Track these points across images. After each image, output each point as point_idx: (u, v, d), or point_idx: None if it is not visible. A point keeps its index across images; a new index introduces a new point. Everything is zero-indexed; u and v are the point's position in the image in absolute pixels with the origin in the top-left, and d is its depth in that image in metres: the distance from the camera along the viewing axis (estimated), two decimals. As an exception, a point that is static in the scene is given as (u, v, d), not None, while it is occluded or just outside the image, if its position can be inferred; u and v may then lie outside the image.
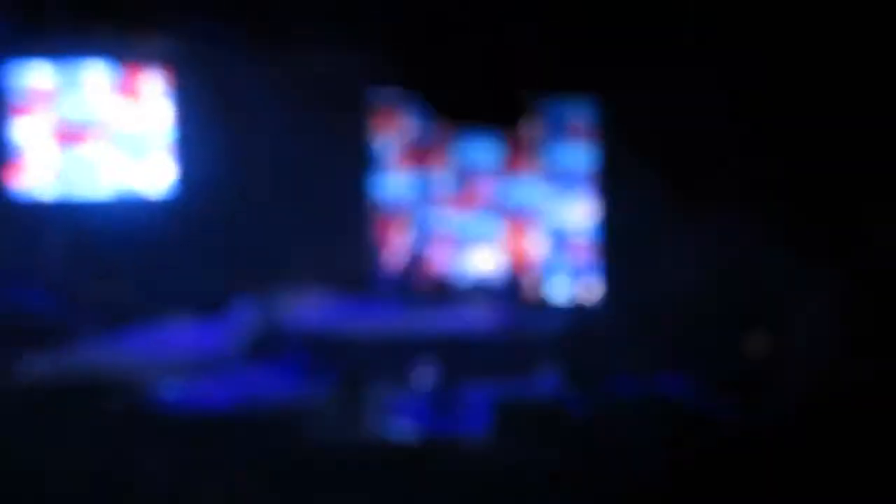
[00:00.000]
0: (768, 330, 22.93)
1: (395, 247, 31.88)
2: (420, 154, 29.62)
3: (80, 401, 24.06)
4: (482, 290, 31.16)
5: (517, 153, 29.53)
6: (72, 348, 26.84)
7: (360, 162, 30.11)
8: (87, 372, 26.66)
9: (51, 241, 31.84)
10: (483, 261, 31.03)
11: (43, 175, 32.23)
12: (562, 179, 28.80)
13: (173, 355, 29.44)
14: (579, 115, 29.02)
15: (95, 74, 30.10)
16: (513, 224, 29.62)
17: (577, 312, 28.95)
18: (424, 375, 26.14)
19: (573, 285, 31.23)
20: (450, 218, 30.79)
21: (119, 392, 25.53)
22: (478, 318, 29.64)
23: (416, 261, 31.53)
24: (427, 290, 30.78)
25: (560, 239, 29.65)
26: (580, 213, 29.42)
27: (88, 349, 28.07)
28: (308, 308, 30.33)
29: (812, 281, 23.47)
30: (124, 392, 25.67)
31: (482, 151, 29.06)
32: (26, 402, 22.19)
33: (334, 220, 32.18)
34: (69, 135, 31.15)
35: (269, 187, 31.78)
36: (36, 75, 30.80)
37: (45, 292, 30.58)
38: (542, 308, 30.04)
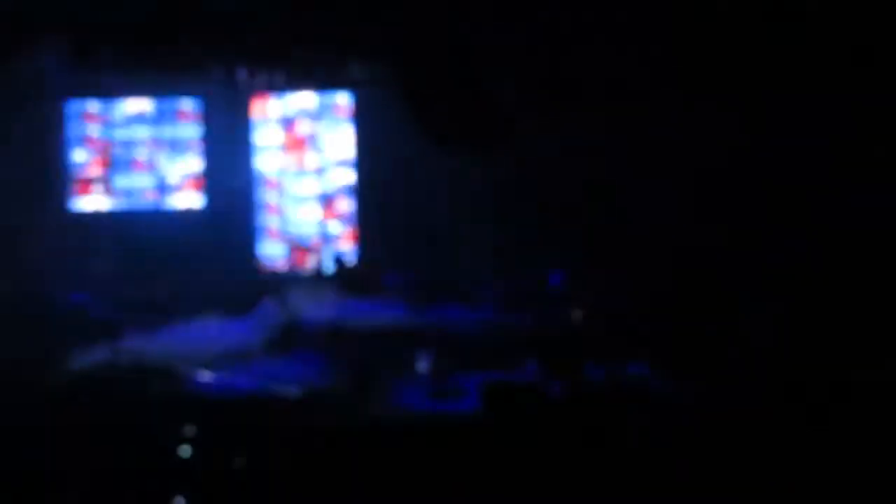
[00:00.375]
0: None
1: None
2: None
3: (127, 385, 25.75)
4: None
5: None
6: (121, 341, 28.18)
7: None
8: (134, 361, 28.03)
9: (104, 248, 33.00)
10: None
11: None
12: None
13: (207, 348, 30.53)
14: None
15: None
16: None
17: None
18: (424, 363, 27.14)
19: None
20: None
21: (160, 378, 27.09)
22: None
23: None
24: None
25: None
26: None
27: (135, 342, 29.34)
28: (321, 305, 31.17)
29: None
30: (165, 378, 27.22)
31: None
32: (83, 386, 23.98)
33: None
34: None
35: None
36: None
37: (99, 293, 31.86)
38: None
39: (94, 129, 33.47)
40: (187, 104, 33.11)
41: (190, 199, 34.44)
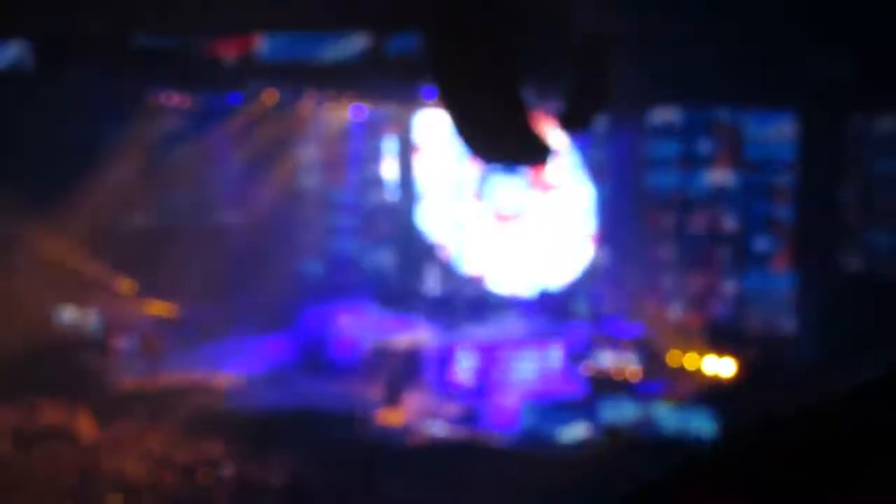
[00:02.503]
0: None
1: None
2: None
3: (168, 400, 25.68)
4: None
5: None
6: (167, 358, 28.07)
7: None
8: (175, 378, 27.99)
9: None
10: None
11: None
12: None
13: (246, 366, 30.40)
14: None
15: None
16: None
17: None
18: (461, 378, 26.85)
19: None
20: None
21: (198, 394, 27.00)
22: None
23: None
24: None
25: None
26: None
27: (179, 360, 29.27)
28: (358, 322, 30.95)
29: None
30: (203, 394, 27.13)
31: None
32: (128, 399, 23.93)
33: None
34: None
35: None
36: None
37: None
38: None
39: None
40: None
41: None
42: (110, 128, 35.98)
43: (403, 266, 34.08)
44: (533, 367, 27.33)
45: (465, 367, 26.72)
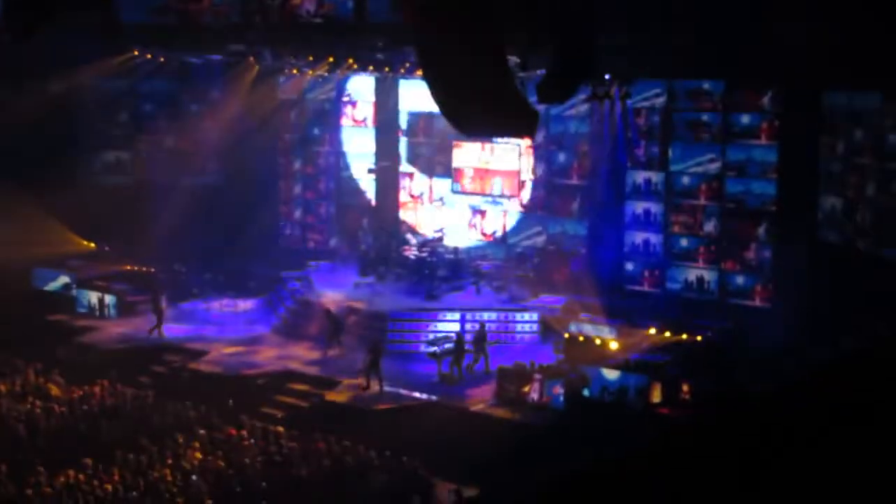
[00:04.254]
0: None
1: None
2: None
3: (142, 362, 25.26)
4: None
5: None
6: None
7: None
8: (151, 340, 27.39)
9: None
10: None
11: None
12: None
13: (223, 329, 30.01)
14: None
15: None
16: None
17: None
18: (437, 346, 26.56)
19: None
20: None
21: (174, 356, 26.61)
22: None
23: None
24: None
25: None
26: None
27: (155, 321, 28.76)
28: (337, 288, 30.50)
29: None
30: (178, 356, 26.75)
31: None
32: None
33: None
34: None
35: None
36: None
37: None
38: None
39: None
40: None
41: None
42: (92, 84, 36.02)
43: (379, 232, 33.95)
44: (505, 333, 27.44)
45: (441, 335, 26.62)
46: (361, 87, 35.00)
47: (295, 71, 32.82)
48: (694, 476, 5.20)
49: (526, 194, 31.92)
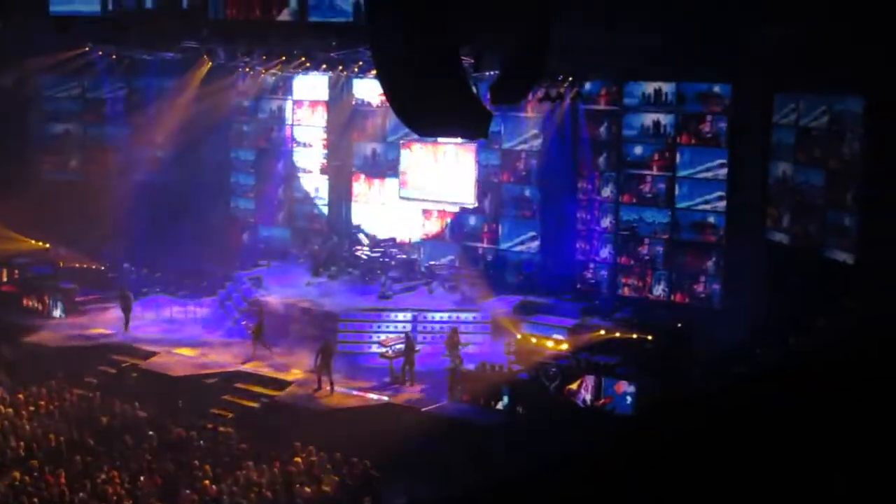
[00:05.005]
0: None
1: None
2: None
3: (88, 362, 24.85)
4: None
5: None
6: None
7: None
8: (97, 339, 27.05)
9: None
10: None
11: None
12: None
13: (171, 330, 29.58)
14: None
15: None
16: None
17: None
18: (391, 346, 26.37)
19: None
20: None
21: (120, 356, 26.24)
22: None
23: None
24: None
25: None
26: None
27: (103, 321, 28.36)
28: (289, 287, 30.23)
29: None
30: (125, 356, 26.39)
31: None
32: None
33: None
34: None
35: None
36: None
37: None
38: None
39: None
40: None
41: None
42: (40, 80, 35.68)
43: (331, 231, 33.85)
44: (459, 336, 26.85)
45: (393, 336, 26.74)
46: (313, 86, 34.81)
47: (248, 69, 32.52)
48: (637, 478, 5.15)
49: (471, 195, 31.70)
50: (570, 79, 28.28)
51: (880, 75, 21.41)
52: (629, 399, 22.58)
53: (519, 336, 26.08)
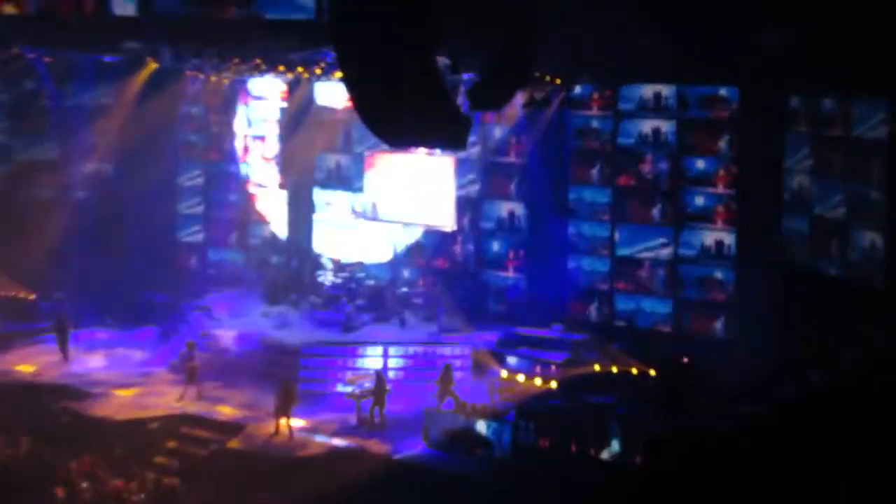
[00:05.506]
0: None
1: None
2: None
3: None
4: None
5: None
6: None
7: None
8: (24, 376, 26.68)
9: None
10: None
11: None
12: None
13: (113, 366, 29.34)
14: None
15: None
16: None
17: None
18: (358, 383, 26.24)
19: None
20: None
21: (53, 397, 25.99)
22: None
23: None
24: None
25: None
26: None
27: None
28: (240, 319, 29.98)
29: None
30: (58, 397, 26.13)
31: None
32: None
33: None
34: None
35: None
36: None
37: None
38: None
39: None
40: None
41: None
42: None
43: (290, 255, 33.60)
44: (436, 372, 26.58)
45: (360, 373, 26.53)
46: (270, 90, 34.58)
47: (198, 73, 32.30)
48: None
49: (450, 216, 31.18)
50: (558, 81, 28.27)
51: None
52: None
53: (504, 373, 25.95)
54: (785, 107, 26.28)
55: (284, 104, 34.37)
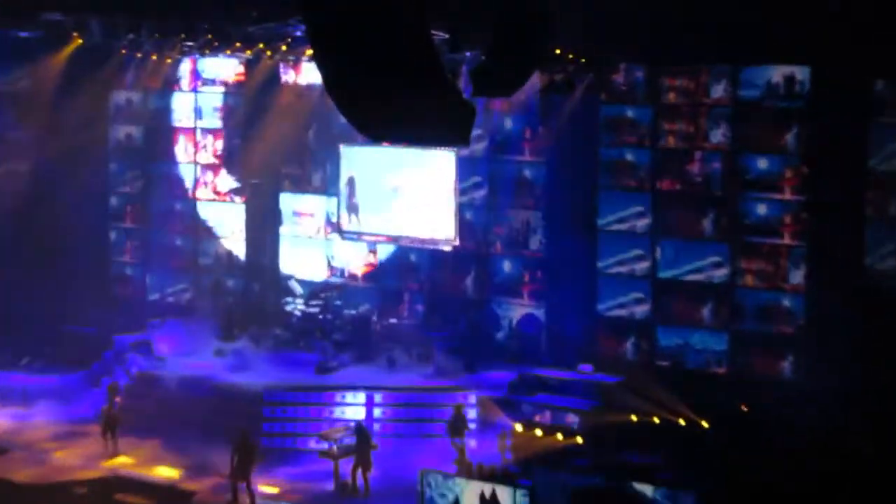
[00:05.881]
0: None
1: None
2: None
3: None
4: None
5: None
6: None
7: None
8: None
9: None
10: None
11: None
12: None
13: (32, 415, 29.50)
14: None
15: None
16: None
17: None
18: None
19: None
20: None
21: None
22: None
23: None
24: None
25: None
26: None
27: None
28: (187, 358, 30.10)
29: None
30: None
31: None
32: None
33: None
34: None
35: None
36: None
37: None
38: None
39: None
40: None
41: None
42: None
43: (251, 277, 33.85)
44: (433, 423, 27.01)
45: (338, 426, 26.29)
46: (224, 73, 34.75)
47: (136, 52, 32.36)
48: None
49: (450, 229, 31.22)
50: (584, 60, 28.10)
51: None
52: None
53: (518, 426, 25.83)
54: (868, 92, 26.08)
55: (242, 90, 34.50)
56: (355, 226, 32.38)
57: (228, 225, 35.07)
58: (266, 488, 24.49)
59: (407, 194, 31.39)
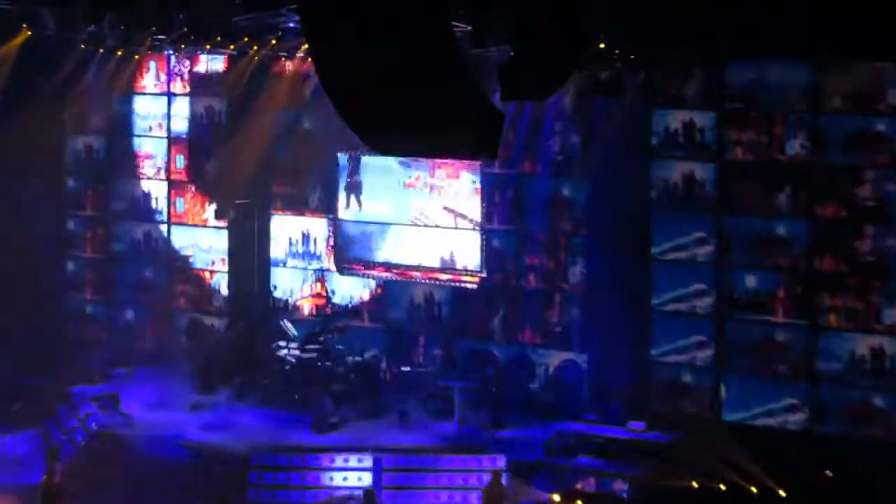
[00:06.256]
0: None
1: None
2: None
3: None
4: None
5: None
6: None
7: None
8: None
9: None
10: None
11: None
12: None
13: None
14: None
15: None
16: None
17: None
18: None
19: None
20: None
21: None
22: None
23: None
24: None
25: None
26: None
27: None
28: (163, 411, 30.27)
29: None
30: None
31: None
32: None
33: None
34: None
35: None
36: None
37: None
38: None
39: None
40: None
41: None
42: None
43: (235, 316, 34.20)
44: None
45: (341, 494, 26.69)
46: (203, 73, 35.00)
47: (97, 48, 32.55)
48: None
49: (475, 259, 31.38)
50: (633, 57, 28.36)
51: None
52: None
53: (555, 497, 25.94)
54: None
55: (223, 92, 34.64)
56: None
57: (208, 253, 35.39)
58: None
59: (422, 218, 31.71)
